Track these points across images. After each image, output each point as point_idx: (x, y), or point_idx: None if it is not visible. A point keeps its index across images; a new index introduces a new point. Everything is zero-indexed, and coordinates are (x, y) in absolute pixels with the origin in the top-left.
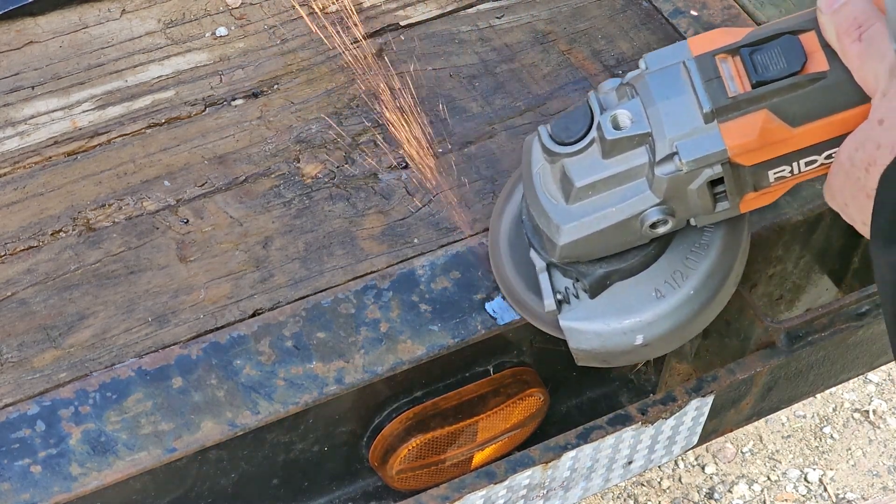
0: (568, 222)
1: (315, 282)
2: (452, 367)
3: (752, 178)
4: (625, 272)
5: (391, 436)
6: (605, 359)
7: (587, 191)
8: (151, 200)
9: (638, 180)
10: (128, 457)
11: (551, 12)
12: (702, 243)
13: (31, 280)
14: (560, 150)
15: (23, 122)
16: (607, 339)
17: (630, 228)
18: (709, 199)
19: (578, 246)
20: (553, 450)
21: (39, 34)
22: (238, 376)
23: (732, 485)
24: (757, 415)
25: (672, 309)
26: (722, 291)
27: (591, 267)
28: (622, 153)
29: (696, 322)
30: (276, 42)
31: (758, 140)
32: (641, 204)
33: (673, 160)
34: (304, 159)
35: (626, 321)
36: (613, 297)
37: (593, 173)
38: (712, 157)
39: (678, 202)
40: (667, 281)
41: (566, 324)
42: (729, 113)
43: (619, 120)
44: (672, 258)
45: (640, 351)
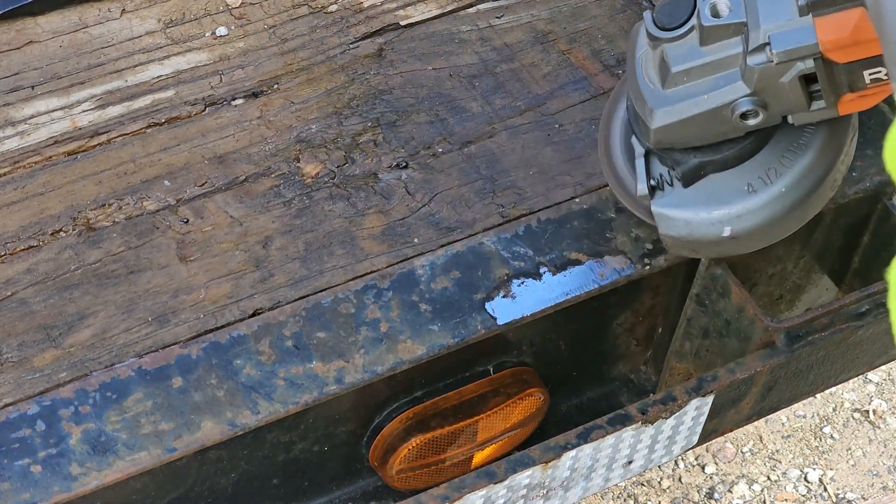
0: (662, 106)
1: (315, 281)
2: (452, 366)
3: (846, 77)
4: (719, 164)
5: (391, 436)
6: (694, 248)
7: (683, 76)
8: (151, 200)
9: (732, 69)
10: (128, 456)
11: (551, 12)
12: (800, 143)
13: (31, 280)
14: (661, 35)
15: (23, 121)
16: (695, 227)
17: (722, 118)
18: (802, 96)
19: (672, 131)
20: (553, 450)
21: (39, 34)
22: (238, 376)
23: (732, 485)
24: (757, 415)
25: (762, 204)
26: (816, 194)
27: (686, 155)
28: (719, 41)
29: (786, 221)
30: (276, 42)
31: (851, 37)
32: (733, 93)
33: (765, 50)
34: (304, 159)
35: (716, 212)
36: (706, 188)
37: (690, 59)
38: (803, 50)
39: (770, 95)
40: (760, 176)
41: (657, 209)
42: (824, 7)
43: (718, 7)
44: (768, 155)
45: (728, 243)
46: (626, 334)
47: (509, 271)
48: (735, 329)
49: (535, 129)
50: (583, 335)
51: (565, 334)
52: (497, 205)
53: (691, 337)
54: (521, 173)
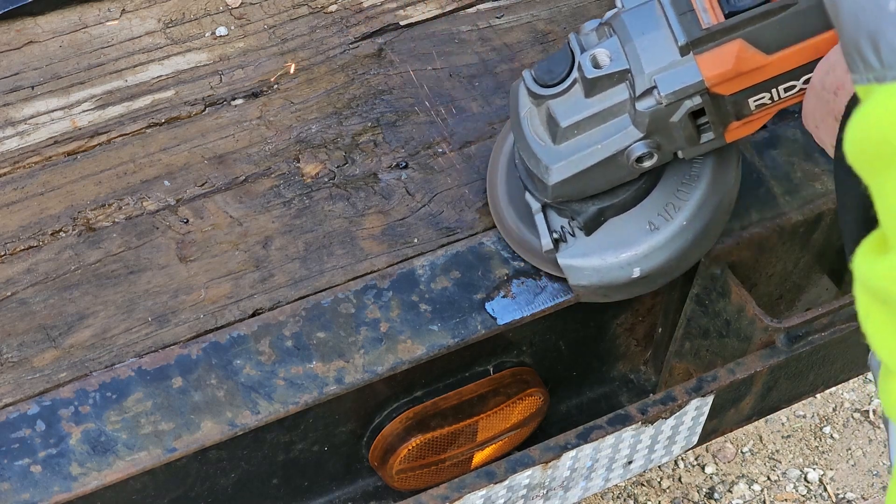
0: (556, 162)
1: (315, 282)
2: (452, 366)
3: (733, 107)
4: (618, 207)
5: (391, 436)
6: (606, 293)
7: (573, 130)
8: (151, 200)
9: (621, 116)
10: (128, 456)
11: (551, 12)
12: (692, 175)
13: (31, 280)
14: (544, 92)
15: (23, 121)
16: (605, 273)
17: (617, 164)
18: (692, 131)
19: (569, 184)
20: (553, 450)
21: (39, 34)
22: (238, 376)
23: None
24: (757, 415)
25: (666, 240)
26: (715, 221)
27: (584, 205)
28: (603, 91)
29: (690, 253)
30: (276, 42)
31: (734, 69)
32: (626, 139)
33: (652, 94)
34: (304, 159)
35: (623, 255)
36: (608, 233)
37: (577, 112)
38: (690, 89)
39: (662, 135)
40: (660, 213)
41: (564, 261)
42: (704, 44)
43: (599, 59)
44: (664, 191)
45: (639, 283)
46: (626, 334)
47: (509, 271)
48: (735, 329)
49: None
50: (583, 335)
51: (565, 334)
52: None
53: (691, 337)
54: None
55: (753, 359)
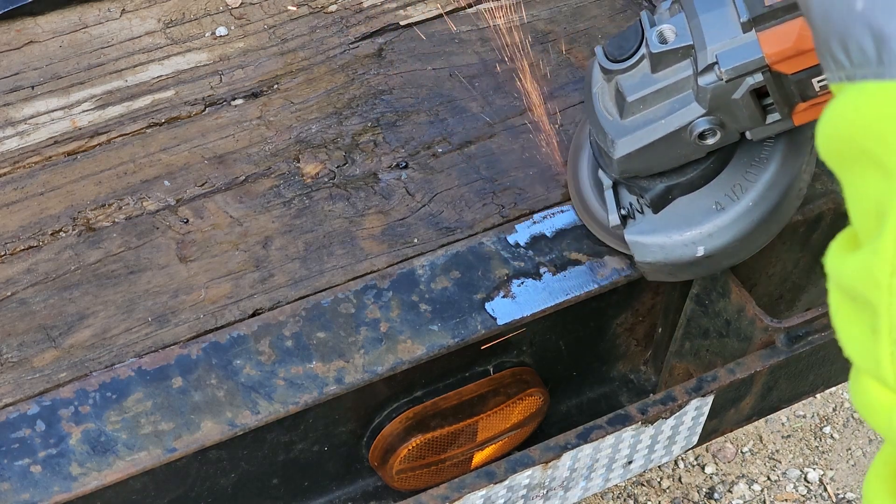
0: (622, 136)
1: (315, 282)
2: (452, 366)
3: (796, 87)
4: (685, 186)
5: (391, 436)
6: (671, 271)
7: (639, 105)
8: (151, 200)
9: (685, 92)
10: (128, 456)
11: (551, 12)
12: (761, 157)
13: (31, 280)
14: (613, 67)
15: (23, 121)
16: (670, 251)
17: (681, 140)
18: (756, 110)
19: (635, 159)
20: (553, 450)
21: (39, 34)
22: (238, 376)
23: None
24: (757, 415)
25: (732, 220)
26: (783, 204)
27: (652, 182)
28: (669, 66)
29: (756, 235)
30: (276, 42)
31: (794, 47)
32: (689, 115)
33: (714, 70)
34: (304, 159)
35: (688, 233)
36: (675, 211)
37: (644, 87)
38: (751, 65)
39: (725, 112)
40: (727, 194)
41: (631, 237)
42: (766, 22)
43: (665, 34)
44: (732, 172)
45: (703, 263)
46: (626, 334)
47: (509, 271)
48: (735, 329)
49: (534, 129)
50: (583, 335)
51: (565, 334)
52: (497, 205)
53: (691, 337)
54: (521, 173)
55: (753, 359)
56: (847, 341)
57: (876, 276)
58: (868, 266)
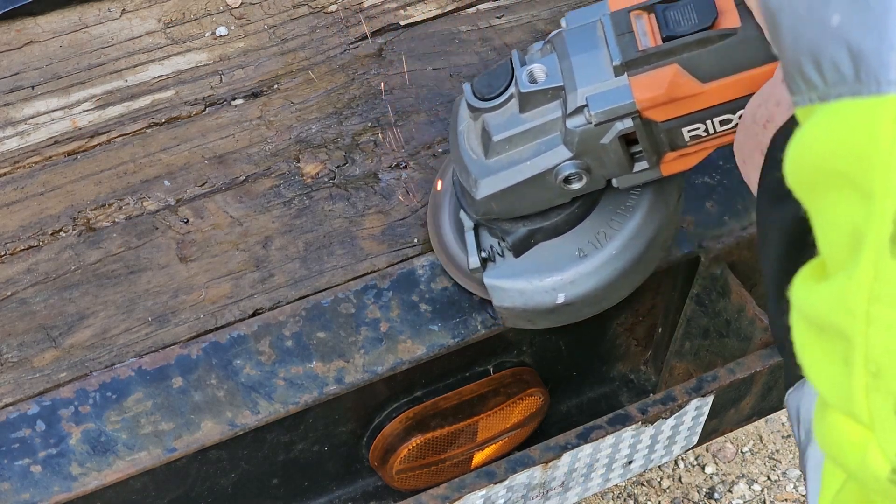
0: (485, 176)
1: (315, 281)
2: (452, 366)
3: (666, 136)
4: (548, 231)
5: (391, 436)
6: (530, 318)
7: (504, 145)
8: (151, 200)
9: (552, 134)
10: (128, 456)
11: (551, 12)
12: (627, 206)
13: (31, 280)
14: (481, 105)
15: (23, 121)
16: (530, 297)
17: (546, 183)
18: (624, 157)
19: (497, 200)
20: (553, 450)
21: (39, 34)
22: (238, 376)
23: (732, 485)
24: (757, 415)
25: (594, 268)
26: (647, 255)
27: (514, 225)
28: (537, 107)
29: (619, 284)
30: (276, 42)
31: (666, 94)
32: (555, 158)
33: (583, 112)
34: (304, 159)
35: (548, 279)
36: (537, 256)
37: (510, 127)
38: (621, 110)
39: (592, 157)
40: (590, 241)
41: (490, 281)
42: (639, 66)
43: (535, 74)
44: (597, 219)
45: (564, 311)
46: (626, 334)
47: None
48: (735, 329)
49: None
50: (583, 335)
51: (565, 334)
52: None
53: (691, 337)
54: None
55: (753, 359)
56: (815, 376)
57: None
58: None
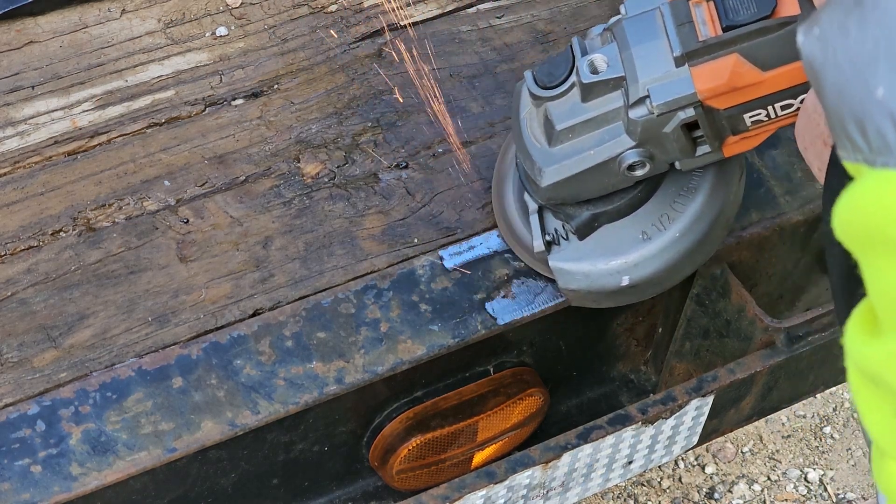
0: (550, 164)
1: (315, 282)
2: (452, 366)
3: (728, 121)
4: (612, 214)
5: (391, 436)
6: (595, 299)
7: (567, 133)
8: (151, 200)
9: (615, 123)
10: (128, 456)
11: (551, 12)
12: (689, 187)
13: (31, 280)
14: (543, 94)
15: (23, 121)
16: (594, 279)
17: (610, 171)
18: (686, 143)
19: (562, 188)
20: (553, 450)
21: (39, 34)
22: (238, 376)
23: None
24: (757, 415)
25: (658, 251)
26: (710, 235)
27: (578, 209)
28: (599, 97)
29: (682, 265)
30: (276, 42)
31: (728, 83)
32: (618, 146)
33: (645, 103)
34: (304, 159)
35: (613, 262)
36: (601, 239)
37: (573, 116)
38: (683, 101)
39: (655, 145)
40: (653, 223)
41: (555, 264)
42: (700, 57)
43: (596, 64)
44: (660, 201)
45: (628, 292)
46: (626, 334)
47: (509, 271)
48: (735, 329)
49: None
50: (583, 335)
51: (565, 334)
52: None
53: (691, 337)
54: None
55: (753, 359)
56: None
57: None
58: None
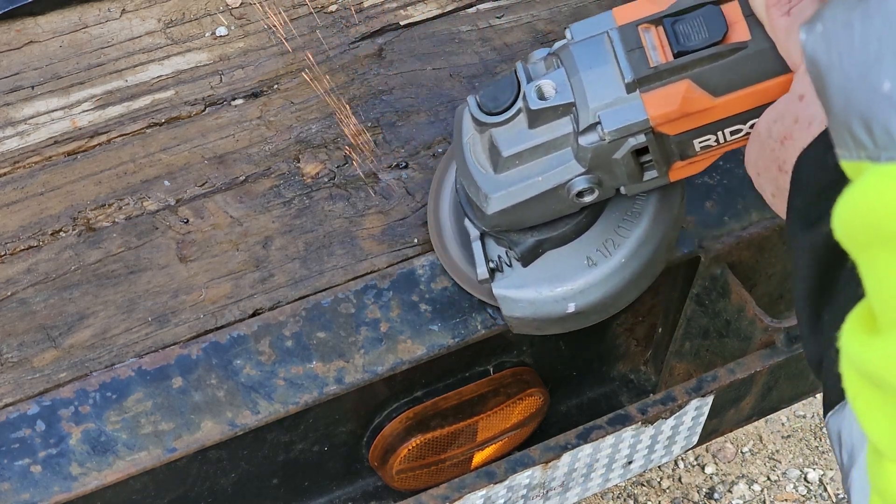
0: (496, 191)
1: (315, 282)
2: (452, 366)
3: (677, 147)
4: (556, 240)
5: (391, 436)
6: (539, 326)
7: (514, 160)
8: (151, 200)
9: (563, 150)
10: (128, 456)
11: (551, 12)
12: (633, 212)
13: (31, 280)
14: (487, 120)
15: (23, 121)
16: (539, 306)
17: (557, 197)
18: (634, 168)
19: (507, 215)
20: (553, 450)
21: (39, 34)
22: (238, 376)
23: (732, 485)
24: (757, 415)
25: (603, 277)
26: (654, 259)
27: (522, 235)
28: (547, 123)
29: (628, 290)
30: (276, 42)
31: (679, 110)
32: (567, 173)
33: (596, 130)
34: (304, 159)
35: (558, 289)
36: (545, 266)
37: (520, 143)
38: (634, 127)
39: (604, 171)
40: (598, 249)
41: (499, 291)
42: (651, 83)
43: (544, 90)
44: (604, 227)
45: (573, 319)
46: (626, 334)
47: None
48: (735, 329)
49: None
50: (583, 335)
51: (565, 334)
52: None
53: (691, 337)
54: None
55: (753, 359)
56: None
57: None
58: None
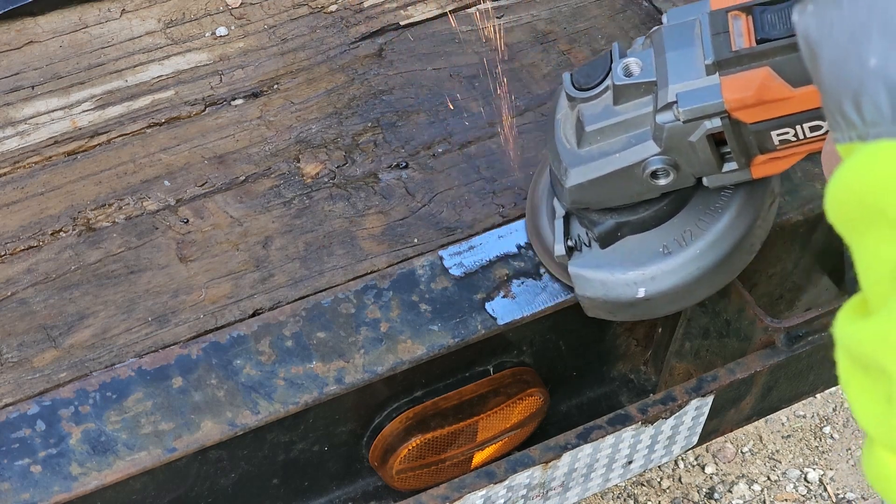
0: (575, 165)
1: (315, 282)
2: (452, 366)
3: (755, 138)
4: (636, 225)
5: (391, 436)
6: (610, 309)
7: (596, 135)
8: (151, 200)
9: (643, 128)
10: (128, 456)
11: (551, 12)
12: (716, 206)
13: (31, 280)
14: (577, 95)
15: (23, 121)
16: (611, 288)
17: (633, 176)
18: (712, 156)
19: (586, 190)
20: (553, 450)
21: (39, 34)
22: (238, 376)
23: (732, 485)
24: (757, 415)
25: (676, 266)
26: (732, 257)
27: (602, 217)
28: (631, 100)
29: (700, 284)
30: (276, 42)
31: (756, 96)
32: (643, 152)
33: (672, 109)
34: (304, 159)
35: (631, 273)
36: (622, 249)
37: (604, 118)
38: (709, 109)
39: (680, 154)
40: (676, 238)
41: (574, 269)
42: (731, 66)
43: (630, 68)
44: (685, 217)
45: (643, 305)
46: (626, 334)
47: (509, 271)
48: (735, 329)
49: (535, 129)
50: (583, 335)
51: (565, 334)
52: (497, 205)
53: (691, 337)
54: (521, 173)
55: (753, 359)
56: (860, 411)
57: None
58: (883, 332)
